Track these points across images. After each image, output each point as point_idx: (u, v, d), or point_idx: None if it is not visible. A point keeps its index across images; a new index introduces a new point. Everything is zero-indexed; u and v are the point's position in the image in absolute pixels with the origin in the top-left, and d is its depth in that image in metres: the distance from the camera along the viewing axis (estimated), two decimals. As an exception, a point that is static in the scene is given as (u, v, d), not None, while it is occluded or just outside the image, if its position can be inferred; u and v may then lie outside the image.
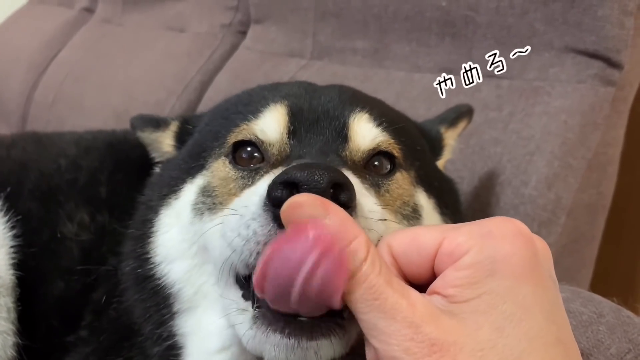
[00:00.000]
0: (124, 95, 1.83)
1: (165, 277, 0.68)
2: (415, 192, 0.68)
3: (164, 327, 0.68)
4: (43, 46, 2.30)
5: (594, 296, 0.66)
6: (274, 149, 0.64)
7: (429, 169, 0.73)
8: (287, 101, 0.68)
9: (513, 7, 1.12)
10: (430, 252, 0.47)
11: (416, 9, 1.25)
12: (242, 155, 0.66)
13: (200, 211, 0.66)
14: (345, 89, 0.74)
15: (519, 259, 0.44)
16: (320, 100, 0.68)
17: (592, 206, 1.10)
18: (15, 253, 0.82)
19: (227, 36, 1.78)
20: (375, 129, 0.67)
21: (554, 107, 1.06)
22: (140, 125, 0.85)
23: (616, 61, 1.04)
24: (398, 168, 0.67)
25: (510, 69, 1.14)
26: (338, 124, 0.66)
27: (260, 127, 0.66)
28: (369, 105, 0.69)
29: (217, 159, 0.68)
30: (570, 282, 0.76)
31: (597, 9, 1.03)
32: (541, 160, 1.02)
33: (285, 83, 0.79)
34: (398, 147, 0.67)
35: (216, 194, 0.65)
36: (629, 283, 1.44)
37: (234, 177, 0.65)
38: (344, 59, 1.41)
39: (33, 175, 0.90)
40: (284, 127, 0.65)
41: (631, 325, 0.62)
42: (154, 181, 0.79)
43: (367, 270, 0.45)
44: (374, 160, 0.66)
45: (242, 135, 0.67)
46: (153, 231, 0.71)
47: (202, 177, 0.69)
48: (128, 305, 0.72)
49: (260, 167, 0.64)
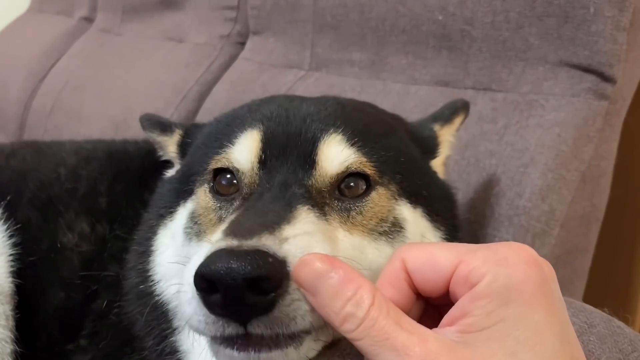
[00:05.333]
0: (122, 105, 1.83)
1: (163, 294, 0.70)
2: (396, 205, 0.68)
3: (166, 342, 0.69)
4: (42, 55, 2.31)
5: (586, 306, 0.66)
6: (246, 178, 0.65)
7: (415, 178, 0.72)
8: (262, 125, 0.68)
9: (508, 22, 1.14)
10: (446, 273, 0.48)
11: (413, 22, 1.27)
12: (221, 182, 0.67)
13: (189, 236, 0.67)
14: (327, 104, 0.72)
15: (532, 287, 0.45)
16: (296, 122, 0.68)
17: (586, 218, 1.11)
18: (15, 261, 0.82)
19: (225, 47, 1.79)
20: (347, 150, 0.66)
21: (548, 120, 1.07)
22: (149, 125, 0.86)
23: (609, 75, 1.06)
24: (374, 186, 0.66)
25: (505, 82, 1.15)
26: (307, 148, 0.65)
27: (235, 155, 0.67)
28: (345, 124, 0.68)
29: (201, 186, 0.69)
30: (563, 293, 0.77)
31: (591, 24, 1.05)
32: (535, 172, 1.03)
33: (269, 100, 0.78)
34: (372, 164, 0.66)
35: (201, 222, 0.67)
36: (622, 294, 1.45)
37: (213, 207, 0.66)
38: (341, 71, 1.42)
39: (33, 184, 0.91)
40: (255, 155, 0.65)
41: (622, 336, 0.62)
42: (155, 200, 0.80)
43: (375, 314, 0.46)
44: (349, 182, 0.65)
45: (220, 162, 0.67)
46: (153, 250, 0.73)
47: (191, 202, 0.70)
48: (131, 316, 0.73)
49: (235, 198, 0.65)
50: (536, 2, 1.10)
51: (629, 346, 0.62)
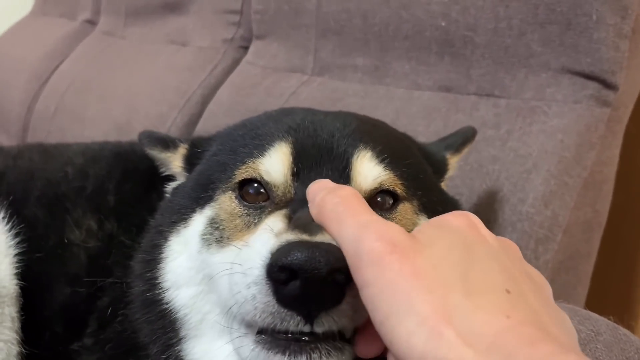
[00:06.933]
0: (125, 108, 1.84)
1: (172, 302, 0.70)
2: (418, 220, 0.70)
3: (171, 350, 0.69)
4: (45, 57, 2.31)
5: (591, 314, 0.67)
6: (278, 190, 0.66)
7: (432, 195, 0.74)
8: (291, 138, 0.69)
9: (511, 29, 1.15)
10: None
11: (416, 28, 1.28)
12: (248, 191, 0.68)
13: (208, 242, 0.67)
14: (349, 120, 0.74)
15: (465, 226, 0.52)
16: (324, 135, 0.69)
17: (588, 224, 1.11)
18: (20, 262, 0.82)
19: (229, 51, 1.80)
20: (377, 166, 0.67)
21: (551, 126, 1.08)
22: (149, 143, 0.86)
23: (611, 82, 1.07)
24: (401, 201, 0.69)
25: (508, 88, 1.16)
26: (341, 163, 0.67)
27: (265, 167, 0.67)
28: (372, 140, 0.70)
29: (224, 193, 0.69)
30: (566, 299, 0.78)
31: (593, 31, 1.06)
32: (538, 178, 1.03)
33: (290, 111, 0.80)
34: (400, 182, 0.68)
35: (223, 228, 0.67)
36: (625, 300, 1.45)
37: (240, 213, 0.66)
38: (344, 76, 1.43)
39: (40, 183, 0.91)
40: (288, 168, 0.66)
41: (628, 343, 0.63)
42: (164, 207, 0.80)
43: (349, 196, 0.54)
44: (377, 197, 0.67)
45: (247, 173, 0.68)
46: (162, 257, 0.72)
47: (210, 209, 0.70)
48: (136, 324, 0.73)
49: (265, 206, 0.66)
50: (539, 9, 1.11)
51: (636, 354, 0.63)
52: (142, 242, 0.77)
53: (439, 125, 1.19)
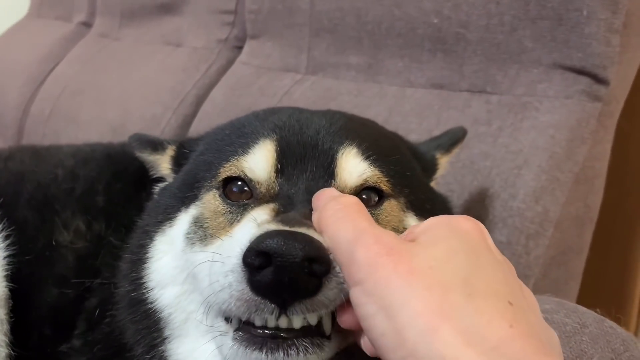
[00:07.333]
0: (120, 109, 1.84)
1: (157, 302, 0.70)
2: (405, 217, 0.70)
3: (155, 350, 0.69)
4: (40, 60, 2.31)
5: (578, 307, 0.67)
6: (262, 187, 0.66)
7: (420, 192, 0.74)
8: (275, 135, 0.69)
9: (503, 25, 1.15)
10: None
11: (409, 25, 1.28)
12: (232, 189, 0.68)
13: (192, 241, 0.67)
14: (336, 118, 0.74)
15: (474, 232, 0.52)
16: (309, 132, 0.69)
17: (580, 219, 1.11)
18: (10, 264, 0.83)
19: (223, 51, 1.80)
20: (363, 163, 0.67)
21: (542, 122, 1.08)
22: (138, 146, 0.86)
23: (603, 77, 1.07)
24: (387, 198, 0.68)
25: (500, 84, 1.16)
26: (325, 160, 0.66)
27: (249, 164, 0.67)
28: (358, 137, 0.70)
29: (208, 191, 0.69)
30: (557, 294, 0.78)
31: (584, 26, 1.05)
32: (529, 173, 1.03)
33: (277, 110, 0.80)
34: (386, 179, 0.68)
35: (207, 226, 0.67)
36: (616, 295, 1.45)
37: (223, 211, 0.66)
38: (338, 74, 1.43)
39: (30, 186, 0.91)
40: (271, 165, 0.66)
41: (614, 336, 0.63)
42: (151, 207, 0.80)
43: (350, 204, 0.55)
44: (362, 194, 0.67)
45: (231, 171, 0.68)
46: (148, 257, 0.72)
47: (195, 208, 0.70)
48: (121, 325, 0.73)
49: (249, 204, 0.66)
50: (530, 5, 1.11)
51: (621, 346, 0.63)
52: (130, 242, 0.77)
53: (431, 122, 1.19)
